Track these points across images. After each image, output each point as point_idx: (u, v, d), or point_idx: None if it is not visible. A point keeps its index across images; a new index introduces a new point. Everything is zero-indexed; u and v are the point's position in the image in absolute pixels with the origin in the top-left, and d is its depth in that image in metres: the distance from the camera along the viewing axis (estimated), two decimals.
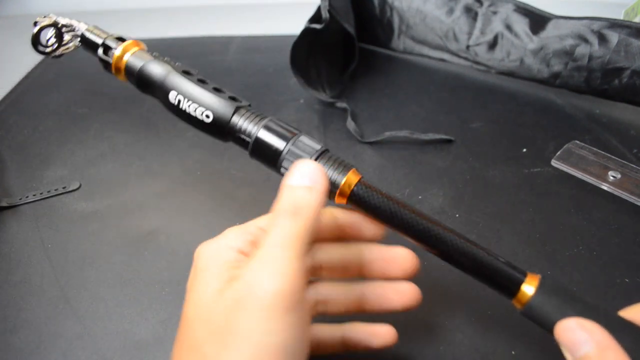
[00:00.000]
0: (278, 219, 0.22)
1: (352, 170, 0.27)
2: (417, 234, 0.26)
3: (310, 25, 0.51)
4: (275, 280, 0.20)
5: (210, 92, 0.29)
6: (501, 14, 0.54)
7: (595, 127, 0.50)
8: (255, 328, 0.20)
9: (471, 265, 0.26)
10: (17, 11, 0.86)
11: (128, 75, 0.32)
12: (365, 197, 0.26)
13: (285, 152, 0.27)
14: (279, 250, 0.21)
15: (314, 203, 0.23)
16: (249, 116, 0.28)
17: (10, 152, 0.49)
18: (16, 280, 0.36)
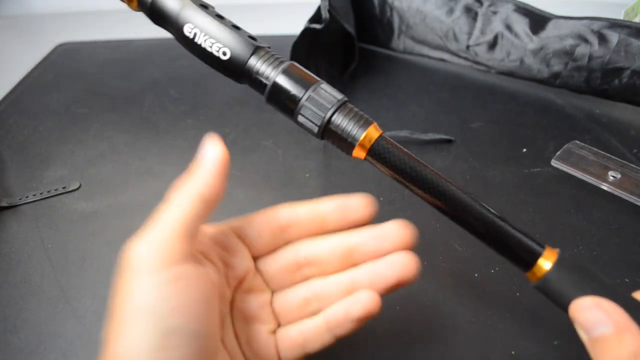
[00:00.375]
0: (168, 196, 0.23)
1: (373, 124, 0.26)
2: (436, 194, 0.25)
3: (310, 25, 0.51)
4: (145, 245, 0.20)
5: (229, 28, 0.27)
6: (501, 14, 0.54)
7: (595, 127, 0.50)
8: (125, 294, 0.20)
9: (488, 232, 0.25)
10: (17, 11, 0.86)
11: (141, 4, 0.31)
12: (385, 152, 0.26)
13: (305, 99, 0.26)
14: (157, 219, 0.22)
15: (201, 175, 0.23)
16: (268, 58, 0.27)
17: (10, 152, 0.49)
18: (16, 280, 0.36)
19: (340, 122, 0.26)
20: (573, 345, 0.31)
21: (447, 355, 0.30)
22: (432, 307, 0.33)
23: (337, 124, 0.26)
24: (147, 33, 0.74)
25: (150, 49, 0.69)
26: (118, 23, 0.82)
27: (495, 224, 0.25)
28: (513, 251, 0.24)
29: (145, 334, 0.18)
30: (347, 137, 0.26)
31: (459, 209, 0.25)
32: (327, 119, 0.26)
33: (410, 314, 0.33)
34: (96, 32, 0.76)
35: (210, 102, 0.57)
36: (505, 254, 0.25)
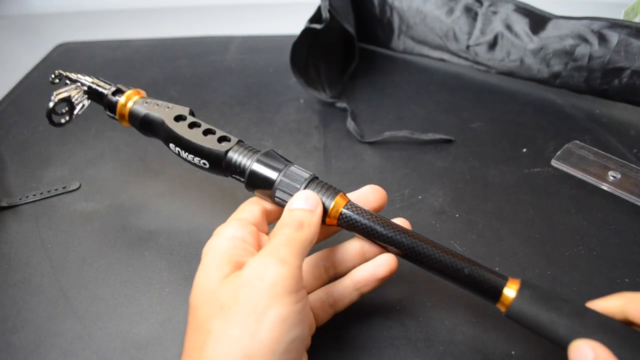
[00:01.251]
0: (283, 229, 0.27)
1: (340, 194, 0.29)
2: (403, 250, 0.28)
3: (310, 25, 0.51)
4: (281, 267, 0.24)
5: (200, 140, 0.31)
6: (501, 14, 0.54)
7: (595, 127, 0.50)
8: (260, 302, 0.23)
9: (456, 275, 0.28)
10: (17, 11, 0.86)
11: (131, 122, 0.35)
12: (353, 218, 0.29)
13: (278, 182, 0.29)
14: (283, 247, 0.25)
15: (314, 221, 0.27)
16: (242, 152, 0.31)
17: (10, 152, 0.49)
18: (16, 280, 0.36)
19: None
20: None
21: (447, 355, 0.30)
22: (432, 307, 0.33)
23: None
24: (147, 33, 0.74)
25: (150, 49, 0.69)
26: (118, 23, 0.82)
27: (460, 267, 0.27)
28: (480, 288, 0.27)
29: (277, 340, 0.23)
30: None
31: (426, 259, 0.28)
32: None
33: (410, 313, 0.33)
34: (96, 32, 0.76)
35: (210, 102, 0.57)
36: (474, 291, 0.28)
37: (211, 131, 0.32)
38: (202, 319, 0.24)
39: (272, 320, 0.23)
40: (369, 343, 0.31)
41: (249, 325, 0.23)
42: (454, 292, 0.34)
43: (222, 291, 0.24)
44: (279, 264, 0.24)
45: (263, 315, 0.23)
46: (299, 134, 0.50)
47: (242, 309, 0.23)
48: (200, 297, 0.25)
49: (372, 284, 0.30)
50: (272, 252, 0.25)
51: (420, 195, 0.42)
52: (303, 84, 0.52)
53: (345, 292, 0.30)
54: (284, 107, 0.55)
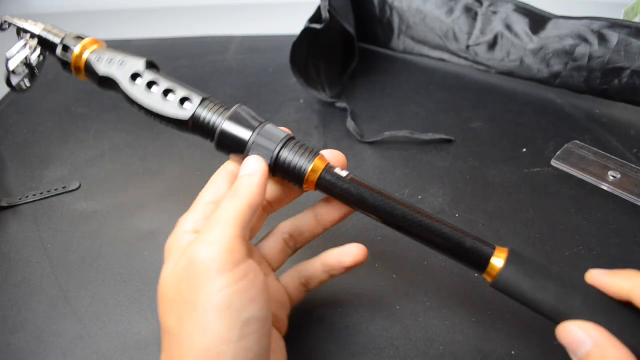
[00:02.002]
0: (222, 202, 0.25)
1: (319, 156, 0.27)
2: (386, 216, 0.27)
3: (310, 25, 0.51)
4: (209, 247, 0.22)
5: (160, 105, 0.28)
6: (501, 14, 0.54)
7: (595, 127, 0.50)
8: (198, 293, 0.22)
9: (441, 242, 0.26)
10: (17, 11, 0.86)
11: (88, 74, 0.31)
12: (332, 182, 0.27)
13: (251, 143, 0.27)
14: (215, 224, 0.23)
15: (250, 184, 0.25)
16: (210, 110, 0.28)
17: (10, 152, 0.49)
18: (16, 280, 0.36)
19: (287, 157, 0.27)
20: None
21: (447, 355, 0.30)
22: (432, 307, 0.33)
23: (283, 160, 0.27)
24: (147, 33, 0.74)
25: (150, 49, 0.69)
26: (118, 23, 0.82)
27: (445, 234, 0.26)
28: (466, 257, 0.26)
29: (228, 327, 0.21)
30: (295, 172, 0.27)
31: (410, 225, 0.27)
32: (274, 157, 0.27)
33: (410, 313, 0.33)
34: (96, 32, 0.76)
35: None
36: (460, 260, 0.26)
37: (171, 90, 0.29)
38: (161, 318, 0.23)
39: (216, 308, 0.21)
40: (370, 343, 0.31)
41: (197, 319, 0.21)
42: (454, 292, 0.34)
43: (170, 287, 0.23)
44: (207, 245, 0.22)
45: (206, 305, 0.21)
46: (299, 134, 0.50)
47: (186, 304, 0.22)
48: (159, 296, 0.24)
49: (340, 270, 0.29)
50: (203, 234, 0.23)
51: (420, 195, 0.42)
52: (303, 84, 0.52)
53: (316, 273, 0.30)
54: (284, 107, 0.55)
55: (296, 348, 0.31)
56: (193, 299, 0.22)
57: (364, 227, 0.39)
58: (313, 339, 0.32)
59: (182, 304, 0.22)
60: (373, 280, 0.35)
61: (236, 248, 0.23)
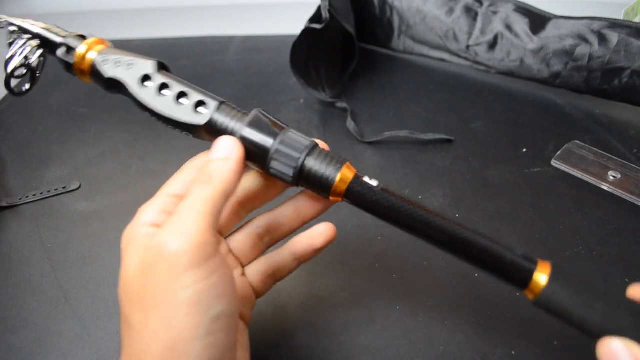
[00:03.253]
0: (192, 188, 0.23)
1: (347, 165, 0.26)
2: (422, 231, 0.25)
3: (310, 25, 0.51)
4: (179, 239, 0.21)
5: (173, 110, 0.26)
6: (501, 14, 0.54)
7: (595, 127, 0.50)
8: (166, 288, 0.20)
9: (478, 257, 0.24)
10: (17, 11, 0.86)
11: (94, 77, 0.28)
12: (363, 193, 0.25)
13: (273, 151, 0.25)
14: (186, 213, 0.22)
15: (225, 171, 0.24)
16: (227, 116, 0.26)
17: (10, 152, 0.49)
18: (16, 280, 0.36)
19: (312, 166, 0.25)
20: (573, 345, 0.31)
21: (447, 355, 0.30)
22: (432, 307, 0.33)
23: (309, 169, 0.25)
24: (147, 33, 0.74)
25: (150, 49, 0.69)
26: (118, 23, 0.82)
27: (483, 248, 0.24)
28: (506, 272, 0.24)
29: (196, 323, 0.20)
30: (321, 182, 0.25)
31: (446, 240, 0.25)
32: (299, 167, 0.25)
33: (410, 313, 0.33)
34: (96, 32, 0.76)
35: None
36: (499, 276, 0.24)
37: (185, 94, 0.26)
38: (124, 314, 0.22)
39: (185, 304, 0.20)
40: (370, 343, 0.31)
41: (163, 315, 0.20)
42: (454, 292, 0.34)
43: (134, 280, 0.22)
44: (177, 236, 0.21)
45: (173, 300, 0.20)
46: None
47: (152, 298, 0.21)
48: (122, 290, 0.22)
49: (311, 254, 0.28)
50: (172, 224, 0.22)
51: (420, 195, 0.42)
52: (303, 84, 0.52)
53: (285, 262, 0.29)
54: (284, 107, 0.55)
55: (296, 348, 0.31)
56: (159, 293, 0.21)
57: (363, 227, 0.39)
58: (313, 339, 0.32)
59: (146, 298, 0.21)
60: (373, 280, 0.35)
61: (207, 241, 0.21)
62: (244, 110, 0.27)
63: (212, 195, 0.23)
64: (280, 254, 0.29)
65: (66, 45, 0.28)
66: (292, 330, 0.32)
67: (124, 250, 0.23)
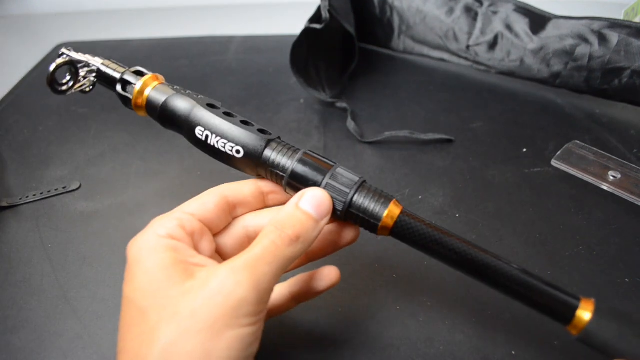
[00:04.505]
0: (274, 236, 0.23)
1: (393, 201, 0.26)
2: (471, 268, 0.26)
3: (310, 25, 0.51)
4: (251, 290, 0.21)
5: (238, 126, 0.28)
6: (501, 14, 0.54)
7: (595, 127, 0.50)
8: (219, 321, 0.21)
9: (523, 293, 0.25)
10: (17, 11, 0.86)
11: (149, 111, 0.30)
12: (409, 229, 0.26)
13: (323, 186, 0.26)
14: (263, 264, 0.22)
15: (313, 236, 0.24)
16: (282, 149, 0.27)
17: (10, 152, 0.49)
18: (16, 280, 0.36)
19: (362, 203, 0.26)
20: (573, 345, 0.31)
21: (447, 355, 0.30)
22: (432, 307, 0.33)
23: (358, 206, 0.26)
24: (147, 33, 0.74)
25: (150, 49, 0.69)
26: (118, 23, 0.82)
27: (527, 282, 0.25)
28: (550, 308, 0.25)
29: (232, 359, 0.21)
30: (370, 218, 0.26)
31: (492, 275, 0.25)
32: (348, 202, 0.26)
33: (410, 313, 0.33)
34: (96, 32, 0.76)
35: None
36: (543, 311, 0.25)
37: (248, 122, 0.28)
38: (151, 323, 0.21)
39: (230, 341, 0.21)
40: (370, 343, 0.31)
41: (204, 343, 0.21)
42: (454, 292, 0.34)
43: (177, 298, 0.21)
44: (251, 286, 0.21)
45: (220, 335, 0.21)
46: (299, 134, 0.50)
47: (199, 324, 0.21)
48: (150, 299, 0.22)
49: (312, 296, 0.28)
50: (248, 268, 0.22)
51: (420, 195, 0.42)
52: (303, 84, 0.52)
53: (282, 301, 0.29)
54: (284, 107, 0.55)
55: (296, 348, 0.31)
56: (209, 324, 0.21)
57: None
58: (312, 338, 0.32)
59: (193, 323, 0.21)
60: (373, 280, 0.35)
61: (269, 296, 0.22)
62: (295, 146, 0.28)
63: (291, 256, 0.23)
64: (279, 290, 0.29)
65: (123, 81, 0.30)
66: (291, 330, 0.32)
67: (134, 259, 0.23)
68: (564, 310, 0.24)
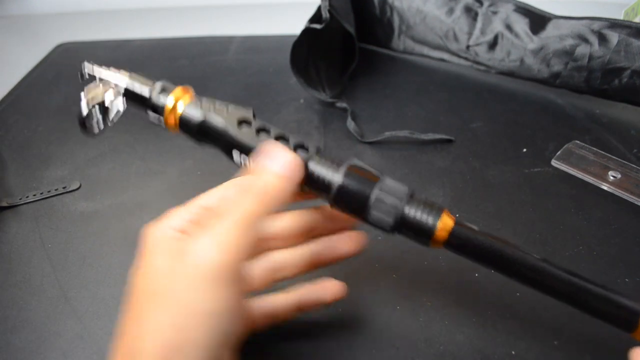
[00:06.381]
0: (246, 197, 0.23)
1: (445, 211, 0.26)
2: (530, 278, 0.25)
3: (310, 25, 0.51)
4: (220, 252, 0.21)
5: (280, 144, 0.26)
6: (501, 14, 0.54)
7: (595, 127, 0.50)
8: (187, 292, 0.21)
9: (587, 301, 0.25)
10: (17, 11, 0.86)
11: (184, 129, 0.29)
12: (465, 239, 0.25)
13: (373, 199, 0.25)
14: (234, 227, 0.22)
15: (285, 194, 0.24)
16: (324, 162, 0.26)
17: (10, 152, 0.49)
18: (16, 280, 0.36)
19: (413, 215, 0.25)
20: (573, 345, 0.31)
21: (447, 355, 0.30)
22: (432, 307, 0.33)
23: (409, 219, 0.25)
24: (147, 33, 0.74)
25: (150, 49, 0.69)
26: (118, 23, 0.82)
27: (590, 290, 0.24)
28: (613, 315, 0.24)
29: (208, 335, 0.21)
30: (422, 231, 0.25)
31: (553, 285, 0.25)
32: (399, 215, 0.25)
33: (410, 313, 0.33)
34: (96, 32, 0.76)
35: None
36: (606, 318, 0.25)
37: (284, 137, 0.27)
38: (137, 302, 0.22)
39: (203, 316, 0.21)
40: (369, 343, 0.31)
41: (177, 318, 0.21)
42: (454, 292, 0.34)
43: (159, 276, 0.22)
44: (221, 250, 0.21)
45: (194, 309, 0.21)
46: (299, 134, 0.50)
47: (173, 299, 0.21)
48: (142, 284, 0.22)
49: (316, 307, 0.29)
50: (218, 234, 0.22)
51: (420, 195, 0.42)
52: (303, 83, 0.52)
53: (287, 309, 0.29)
54: (284, 107, 0.55)
55: (296, 348, 0.31)
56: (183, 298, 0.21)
57: (363, 227, 0.39)
58: (313, 339, 0.32)
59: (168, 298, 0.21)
60: (373, 280, 0.35)
61: (242, 260, 0.22)
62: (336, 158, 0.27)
63: (263, 214, 0.23)
64: (285, 297, 0.29)
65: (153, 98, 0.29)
66: (291, 330, 0.32)
67: (147, 246, 0.23)
68: (629, 316, 0.24)
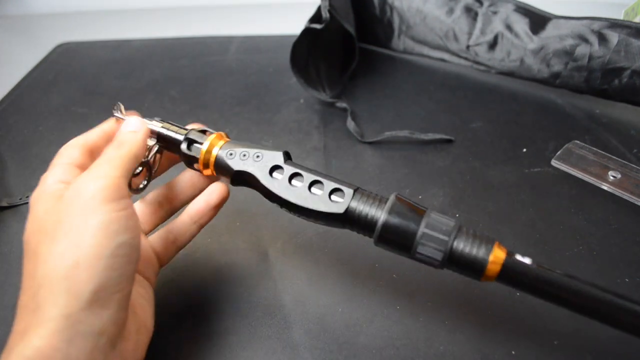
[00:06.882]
0: (106, 150, 0.27)
1: (497, 244, 0.25)
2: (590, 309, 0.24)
3: (310, 25, 0.51)
4: (97, 181, 0.25)
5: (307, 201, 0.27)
6: (501, 14, 0.54)
7: (595, 127, 0.50)
8: (79, 218, 0.23)
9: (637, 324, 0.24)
10: (17, 11, 0.86)
11: (218, 171, 0.30)
12: (519, 273, 0.24)
13: (420, 236, 0.25)
14: (103, 164, 0.26)
15: (135, 140, 0.28)
16: (364, 202, 0.26)
17: (10, 152, 0.49)
18: (16, 280, 0.35)
19: (462, 249, 0.25)
20: (573, 345, 0.31)
21: (447, 355, 0.30)
22: (432, 307, 0.33)
23: (459, 252, 0.25)
24: (147, 33, 0.74)
25: (150, 49, 0.69)
26: (118, 23, 0.82)
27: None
28: None
29: (102, 245, 0.23)
30: (473, 266, 0.25)
31: (606, 310, 0.24)
32: (448, 251, 0.25)
33: (410, 313, 0.33)
34: (96, 32, 0.76)
35: (210, 102, 0.57)
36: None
37: (319, 182, 0.27)
38: (31, 247, 0.24)
39: (95, 227, 0.23)
40: (370, 343, 0.31)
41: (72, 238, 0.23)
42: (454, 292, 0.34)
43: (46, 219, 0.24)
44: (96, 178, 0.25)
45: (85, 225, 0.23)
46: (299, 134, 0.50)
47: (65, 227, 0.23)
48: (29, 232, 0.25)
49: (208, 213, 0.32)
50: (91, 171, 0.26)
51: (420, 195, 0.42)
52: (303, 84, 0.52)
53: (184, 227, 0.32)
54: (284, 107, 0.55)
55: (296, 348, 0.31)
56: (73, 223, 0.23)
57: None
58: (313, 339, 0.32)
59: (58, 229, 0.23)
60: (373, 280, 0.35)
61: (121, 185, 0.25)
62: (375, 193, 0.27)
63: (124, 155, 0.27)
64: (179, 219, 0.32)
65: (188, 142, 0.30)
66: (291, 330, 0.32)
67: (32, 206, 0.26)
68: None
